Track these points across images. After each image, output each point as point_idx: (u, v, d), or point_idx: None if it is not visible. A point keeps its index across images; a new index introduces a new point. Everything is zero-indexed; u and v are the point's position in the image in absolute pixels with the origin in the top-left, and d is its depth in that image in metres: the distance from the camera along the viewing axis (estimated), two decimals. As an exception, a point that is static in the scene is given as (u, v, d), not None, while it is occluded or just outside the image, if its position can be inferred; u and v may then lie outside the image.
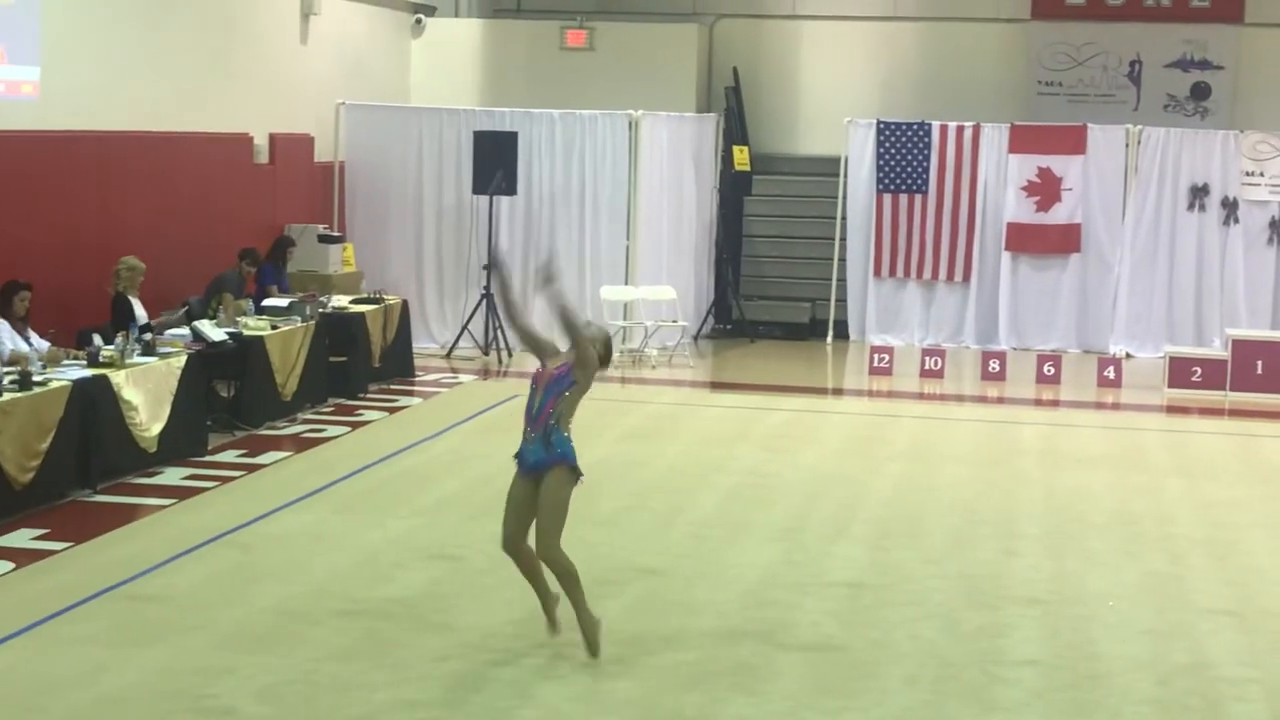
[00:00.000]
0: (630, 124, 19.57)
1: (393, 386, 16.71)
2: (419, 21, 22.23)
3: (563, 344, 8.25)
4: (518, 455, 8.18)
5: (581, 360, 8.07)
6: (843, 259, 21.12)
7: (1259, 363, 17.43)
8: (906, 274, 20.95)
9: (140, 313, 13.82)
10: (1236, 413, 16.60)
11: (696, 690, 7.79)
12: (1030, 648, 8.62)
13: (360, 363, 16.09)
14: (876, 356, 18.76)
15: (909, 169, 20.74)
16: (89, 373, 11.81)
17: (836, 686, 7.92)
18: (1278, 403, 17.03)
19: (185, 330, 13.85)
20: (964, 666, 8.27)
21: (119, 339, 12.41)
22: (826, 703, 7.68)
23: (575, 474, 8.09)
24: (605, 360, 8.26)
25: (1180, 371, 17.64)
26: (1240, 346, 17.55)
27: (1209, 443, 14.85)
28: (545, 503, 8.02)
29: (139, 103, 15.47)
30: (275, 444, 13.59)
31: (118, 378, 11.96)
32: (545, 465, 8.05)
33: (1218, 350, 18.22)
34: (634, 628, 8.74)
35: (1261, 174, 20.12)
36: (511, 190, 18.84)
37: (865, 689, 7.89)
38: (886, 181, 20.81)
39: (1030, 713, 7.65)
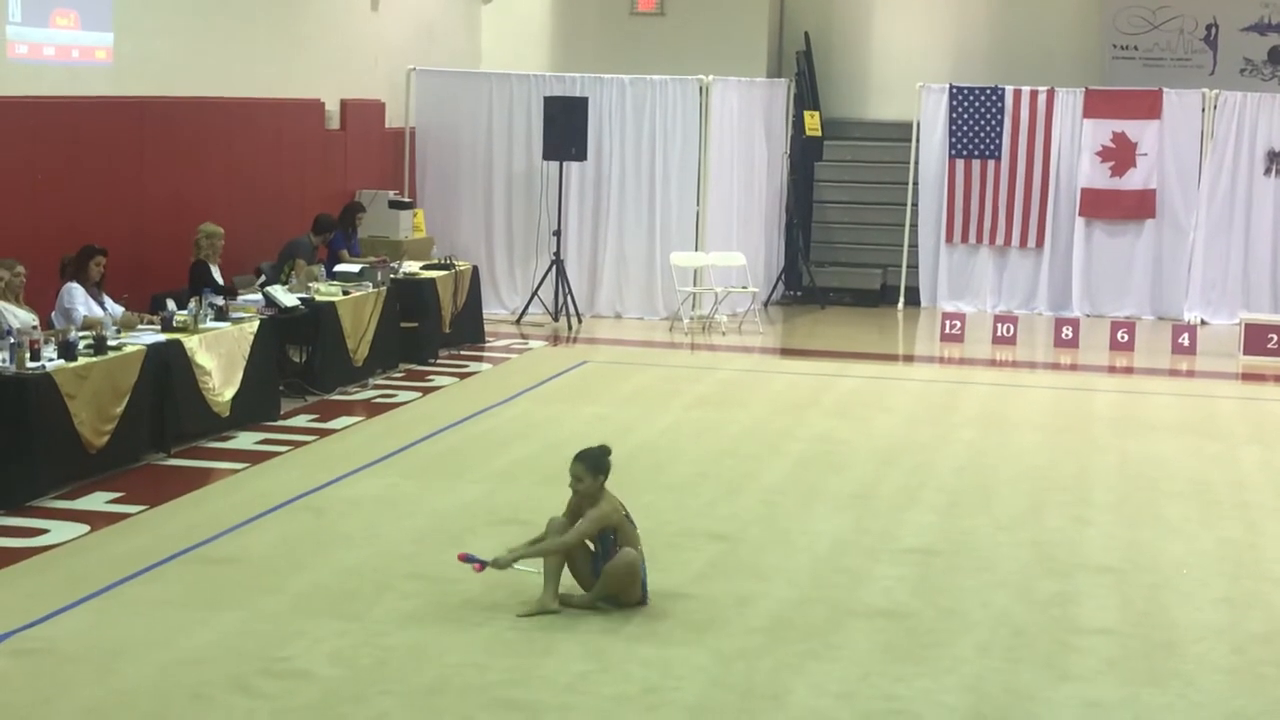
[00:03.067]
0: (701, 89, 19.50)
1: (463, 352, 16.77)
2: (489, -13, 22.23)
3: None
4: None
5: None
6: (914, 225, 21.00)
7: (1336, 329, 17.23)
8: (979, 240, 20.82)
9: (219, 281, 13.89)
10: (1313, 380, 16.42)
11: (767, 657, 7.78)
12: (1103, 616, 8.56)
13: (431, 328, 16.14)
14: (948, 323, 18.66)
15: (982, 134, 20.58)
16: (163, 338, 11.90)
17: (908, 653, 7.90)
18: (1356, 370, 16.84)
19: (258, 295, 13.92)
20: (1036, 634, 8.22)
21: (192, 304, 12.49)
22: (898, 669, 7.65)
23: None
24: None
25: (1256, 338, 17.45)
26: (1317, 313, 17.36)
27: (1285, 410, 14.70)
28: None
29: (211, 68, 15.55)
30: (347, 409, 13.66)
31: (191, 343, 12.04)
32: None
33: (1293, 317, 18.03)
34: (704, 593, 8.73)
35: (1340, 138, 19.86)
36: (582, 156, 18.82)
37: (937, 656, 7.85)
38: (959, 147, 20.66)
39: (1104, 681, 7.59)
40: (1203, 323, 19.64)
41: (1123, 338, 18.03)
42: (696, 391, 14.81)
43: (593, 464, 8.53)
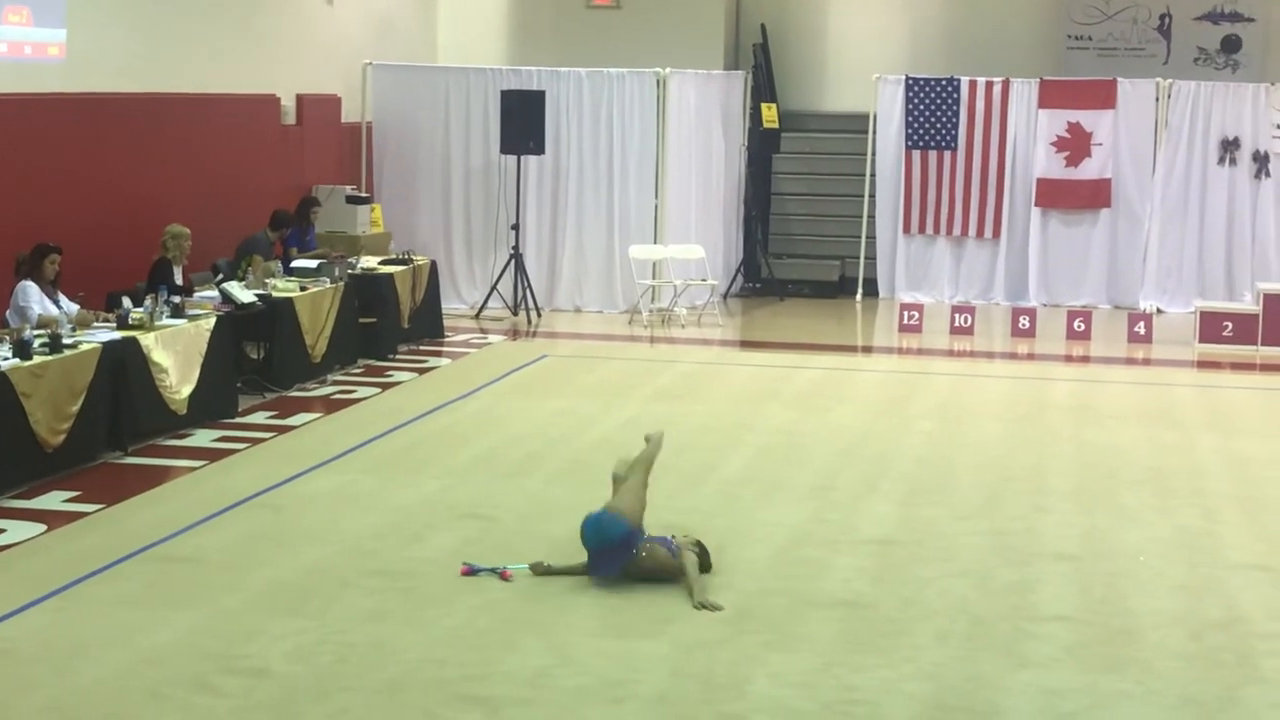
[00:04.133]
0: (658, 82, 19.50)
1: (422, 347, 16.74)
2: (445, -19, 22.18)
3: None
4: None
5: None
6: (872, 216, 21.05)
7: (1291, 317, 17.34)
8: (936, 231, 20.89)
9: (177, 281, 13.82)
10: (1268, 367, 16.51)
11: (728, 648, 7.80)
12: (1061, 603, 8.60)
13: (389, 324, 16.10)
14: (906, 314, 18.72)
15: (938, 125, 20.64)
16: (118, 335, 11.85)
17: (868, 643, 7.92)
18: (1310, 357, 16.96)
19: (214, 292, 13.87)
20: (995, 622, 8.26)
21: (148, 301, 12.43)
22: (858, 659, 7.67)
23: None
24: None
25: (1211, 326, 17.55)
26: (1272, 300, 17.44)
27: (1240, 398, 14.78)
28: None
29: (165, 64, 15.47)
30: (305, 405, 13.62)
31: (147, 340, 11.99)
32: None
33: (1249, 305, 18.12)
34: (665, 586, 8.73)
35: (1293, 127, 19.98)
36: (540, 149, 18.80)
37: (897, 645, 7.88)
38: (915, 138, 20.72)
39: (1062, 668, 7.63)
40: (1159, 311, 19.75)
41: (1079, 327, 18.12)
42: (656, 384, 14.82)
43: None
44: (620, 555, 8.69)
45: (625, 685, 7.30)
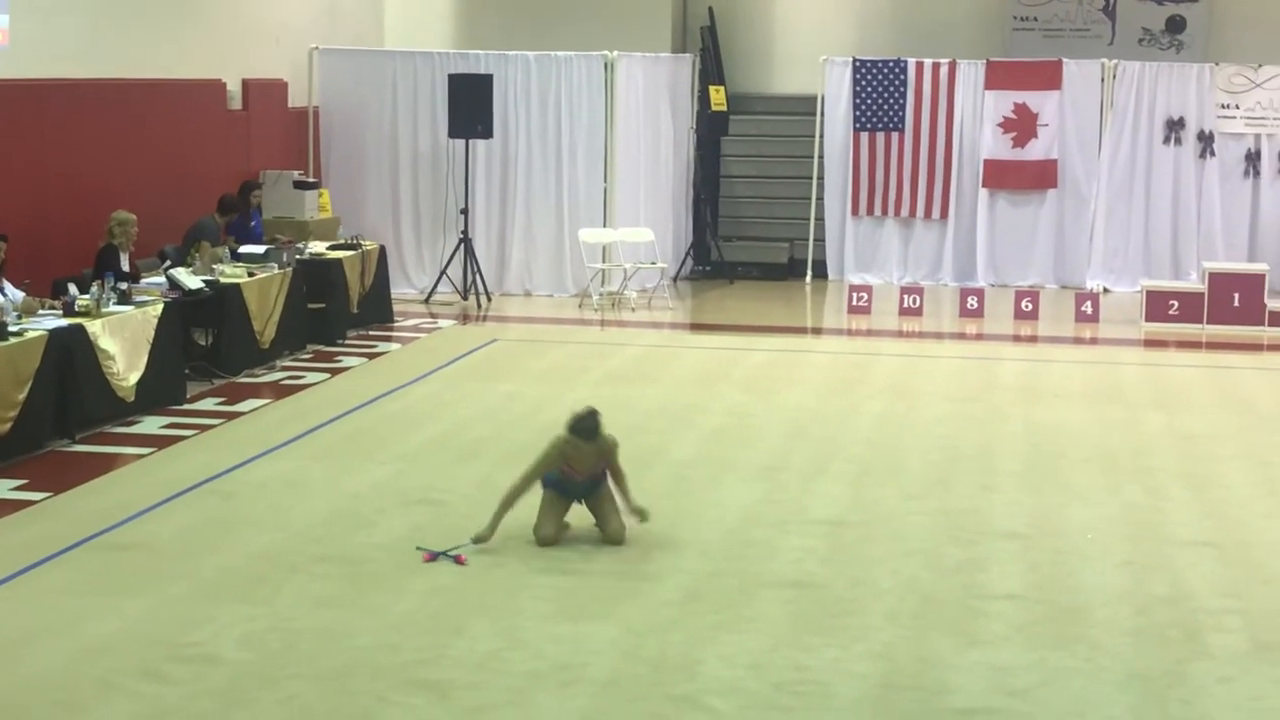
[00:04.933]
0: (606, 65, 19.46)
1: (371, 332, 16.69)
2: (391, -35, 22.08)
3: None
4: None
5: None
6: (820, 198, 21.09)
7: (1235, 295, 17.46)
8: (884, 212, 20.94)
9: (124, 268, 13.72)
10: (1214, 346, 16.64)
11: (679, 629, 7.82)
12: (1010, 582, 8.66)
13: (338, 309, 16.05)
14: (855, 295, 18.77)
15: (885, 107, 20.69)
16: (65, 322, 11.76)
17: (818, 623, 7.95)
18: (1254, 335, 17.09)
19: (161, 279, 13.79)
20: (945, 601, 8.31)
21: (95, 288, 12.35)
22: (808, 640, 7.71)
23: None
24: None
25: (1157, 305, 17.67)
26: (1217, 279, 17.59)
27: (1186, 376, 14.89)
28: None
29: (110, 50, 15.36)
30: (254, 391, 13.56)
31: (94, 327, 11.91)
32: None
33: (1194, 283, 18.26)
34: (616, 568, 8.76)
35: (1237, 106, 20.12)
36: (488, 133, 18.76)
37: (847, 625, 7.92)
38: (863, 120, 20.76)
39: (1011, 645, 7.69)
40: (1105, 291, 19.86)
41: (1027, 307, 18.21)
42: (607, 367, 14.82)
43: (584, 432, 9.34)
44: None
45: (576, 668, 7.31)
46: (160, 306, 12.85)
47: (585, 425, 9.28)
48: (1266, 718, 6.91)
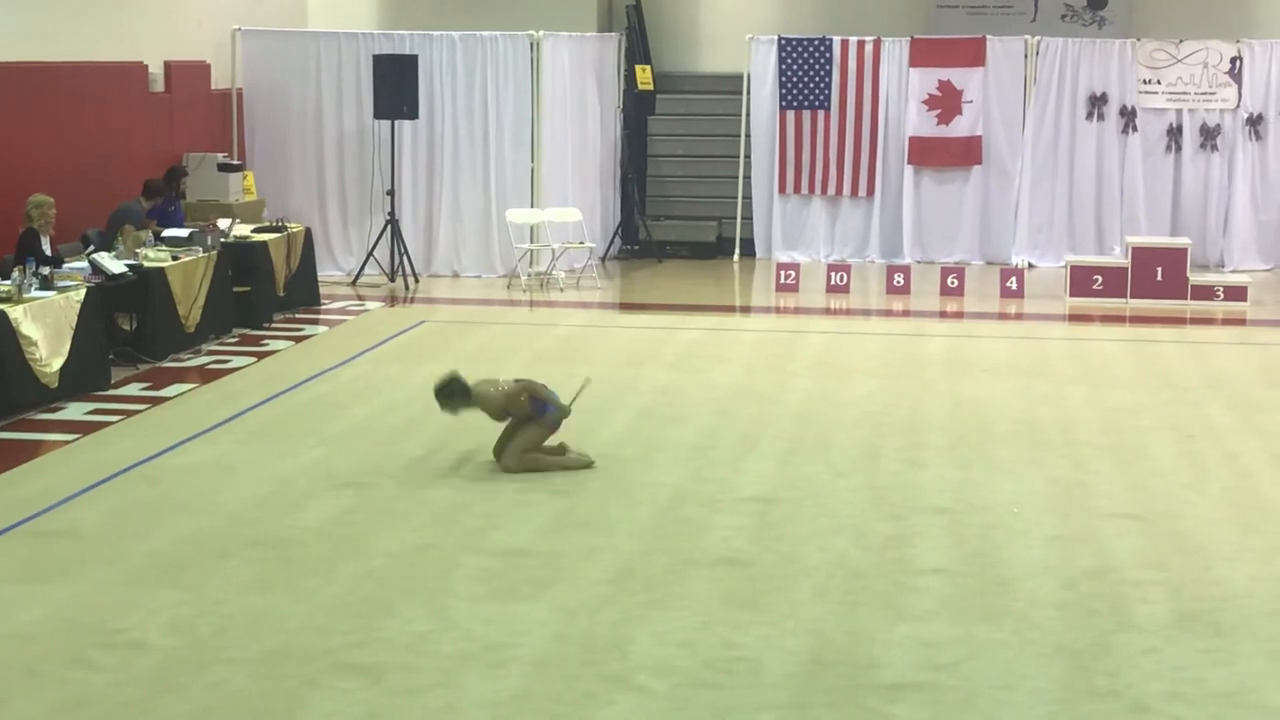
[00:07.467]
0: (532, 44, 19.42)
1: (298, 315, 16.60)
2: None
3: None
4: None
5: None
6: (747, 177, 21.13)
7: (1159, 269, 17.64)
8: (811, 190, 21.01)
9: (47, 253, 13.59)
10: (1137, 319, 16.80)
11: (610, 609, 7.84)
12: (938, 556, 8.72)
13: (264, 292, 15.95)
14: (783, 273, 18.83)
15: (811, 85, 20.74)
16: (-14, 309, 11.65)
17: (748, 600, 7.99)
18: (1177, 309, 17.27)
19: (84, 263, 13.66)
20: (873, 577, 8.36)
21: (16, 274, 12.22)
22: (738, 616, 7.74)
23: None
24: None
25: (1081, 280, 17.82)
26: (1140, 254, 17.75)
27: (1110, 350, 15.02)
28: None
29: (29, 31, 15.18)
30: (180, 376, 13.47)
31: (15, 313, 11.79)
32: None
33: (1118, 258, 18.42)
34: (547, 548, 8.76)
35: (1159, 82, 20.29)
36: (414, 114, 18.68)
37: (776, 602, 7.96)
38: (789, 98, 20.81)
39: (939, 620, 7.75)
40: (1030, 266, 20.02)
41: (953, 283, 18.32)
42: (536, 348, 14.81)
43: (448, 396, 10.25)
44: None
45: (506, 649, 7.32)
46: (83, 291, 12.74)
47: (445, 390, 10.26)
48: (1190, 687, 6.99)
